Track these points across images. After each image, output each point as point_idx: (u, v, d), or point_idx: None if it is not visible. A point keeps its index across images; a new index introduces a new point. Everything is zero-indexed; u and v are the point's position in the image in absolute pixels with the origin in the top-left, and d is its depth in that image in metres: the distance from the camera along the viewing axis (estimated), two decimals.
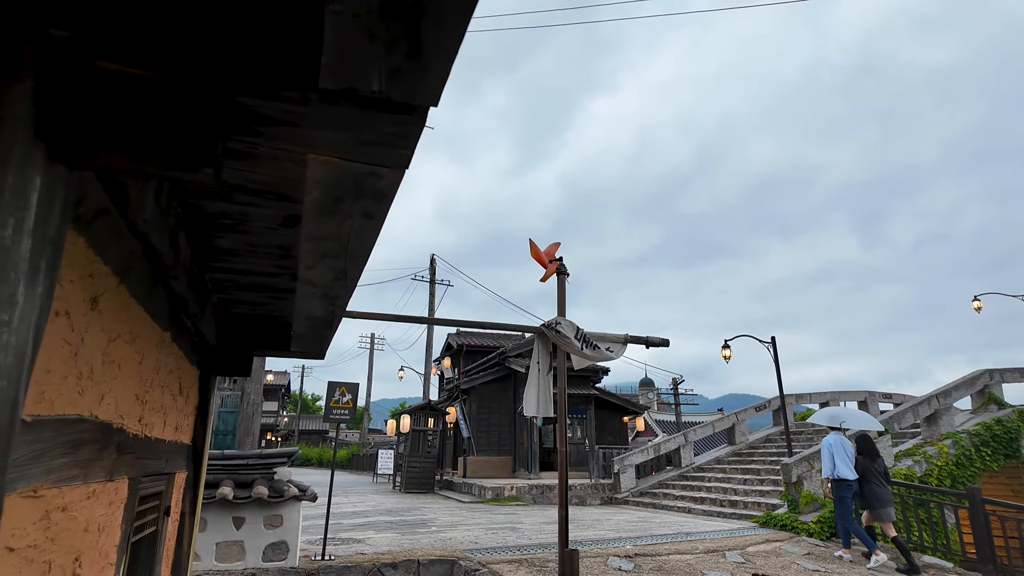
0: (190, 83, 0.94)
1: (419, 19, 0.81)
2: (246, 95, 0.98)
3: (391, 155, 1.15)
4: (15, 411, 0.84)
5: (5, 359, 0.80)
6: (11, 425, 0.83)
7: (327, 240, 1.64)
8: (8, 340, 0.80)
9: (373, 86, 0.95)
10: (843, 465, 8.00)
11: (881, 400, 17.21)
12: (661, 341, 3.89)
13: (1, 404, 0.80)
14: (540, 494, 15.67)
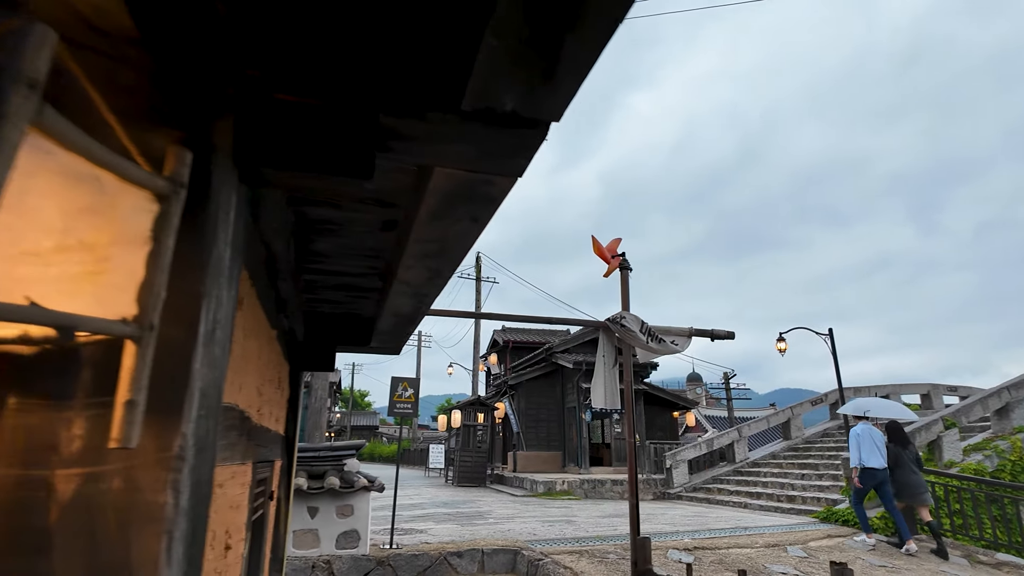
0: (348, 108, 1.07)
1: (560, 48, 0.91)
2: (390, 115, 1.10)
3: (509, 165, 1.26)
4: (220, 397, 0.99)
5: (216, 352, 0.95)
6: (218, 408, 0.98)
7: (431, 242, 1.77)
8: (218, 335, 0.95)
9: (507, 106, 1.06)
10: (870, 454, 7.99)
11: (946, 393, 16.57)
12: (727, 334, 3.92)
13: (213, 390, 0.95)
14: (592, 489, 15.71)
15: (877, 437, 8.14)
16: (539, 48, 0.91)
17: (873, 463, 7.97)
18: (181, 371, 0.82)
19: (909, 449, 8.14)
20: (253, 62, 0.96)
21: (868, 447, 8.03)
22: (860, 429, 8.22)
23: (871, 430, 8.20)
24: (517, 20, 0.84)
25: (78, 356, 0.80)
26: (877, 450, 8.02)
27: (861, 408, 8.71)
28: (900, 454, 8.05)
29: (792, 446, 16.09)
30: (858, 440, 8.10)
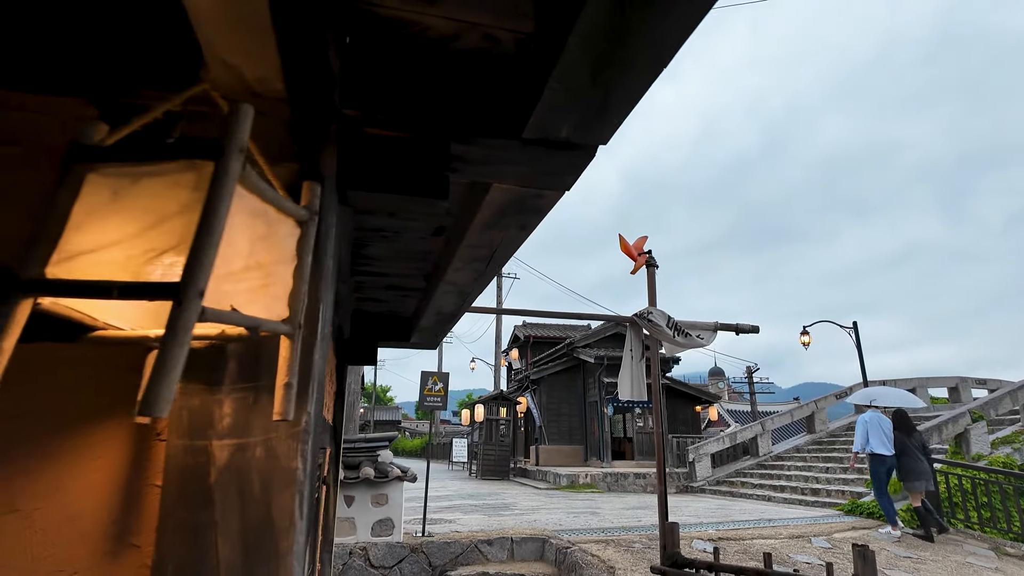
0: (425, 139, 1.25)
1: (611, 91, 1.08)
2: (460, 143, 1.28)
3: (559, 181, 1.43)
4: (324, 384, 1.18)
5: (325, 346, 1.13)
6: (323, 393, 1.17)
7: (480, 248, 1.95)
8: (326, 332, 1.13)
9: (562, 134, 1.23)
10: (876, 441, 8.13)
11: (975, 386, 16.36)
12: (751, 328, 4.04)
13: (322, 378, 1.13)
14: (614, 482, 15.85)
15: (885, 425, 8.27)
16: (594, 91, 1.08)
17: (881, 450, 8.13)
18: (307, 361, 1.01)
19: (914, 436, 8.26)
20: (352, 103, 1.14)
21: (876, 434, 8.18)
22: (868, 416, 8.37)
23: (879, 417, 8.33)
24: (578, 69, 1.01)
25: (225, 351, 1.00)
26: (884, 437, 8.17)
27: (870, 397, 8.88)
28: (905, 441, 8.17)
29: (816, 440, 16.05)
30: (865, 427, 8.28)
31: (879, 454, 8.14)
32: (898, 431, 8.30)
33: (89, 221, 0.71)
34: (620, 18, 0.90)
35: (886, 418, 8.39)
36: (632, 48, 0.97)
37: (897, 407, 8.71)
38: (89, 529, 0.96)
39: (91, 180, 0.73)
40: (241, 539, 0.95)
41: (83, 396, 0.99)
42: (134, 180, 0.71)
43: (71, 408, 0.98)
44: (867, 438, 8.23)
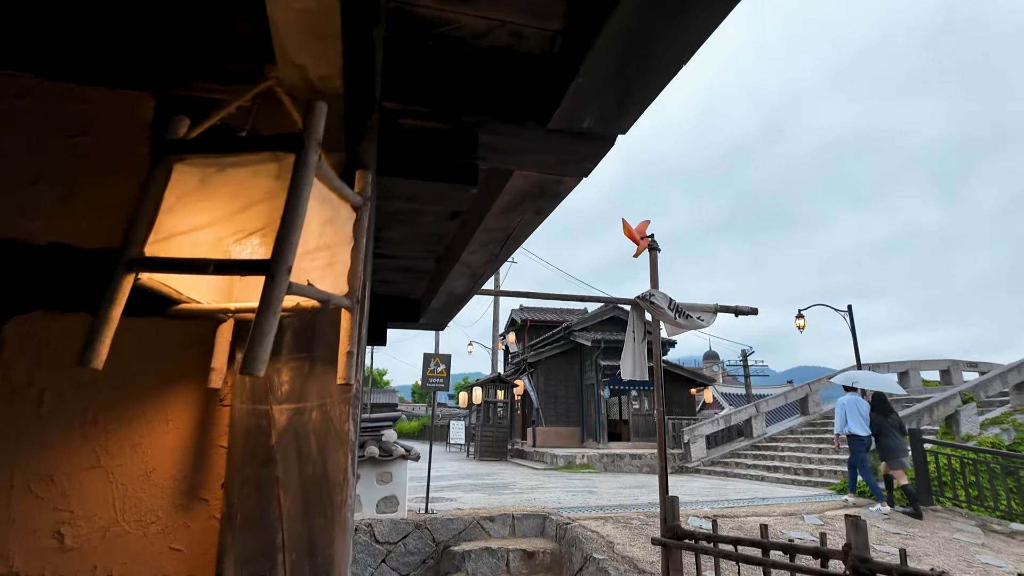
0: (456, 129, 1.33)
1: (633, 85, 1.17)
2: (487, 133, 1.37)
3: (578, 168, 1.52)
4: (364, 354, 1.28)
5: (363, 321, 1.23)
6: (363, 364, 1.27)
7: (497, 231, 2.04)
8: (364, 308, 1.23)
9: (584, 125, 1.32)
10: (854, 422, 8.52)
11: (966, 369, 16.61)
12: (750, 310, 4.15)
13: (363, 349, 1.23)
14: (611, 462, 16.10)
15: (863, 407, 8.66)
16: (617, 85, 1.17)
17: (858, 430, 8.53)
18: (354, 333, 1.11)
19: (891, 417, 8.58)
20: (390, 96, 1.22)
21: (853, 416, 8.59)
22: (847, 399, 8.78)
23: (857, 400, 8.73)
24: (604, 65, 1.10)
25: (282, 324, 1.10)
26: (861, 419, 8.57)
27: (851, 379, 9.17)
28: (883, 422, 8.51)
29: (810, 421, 16.30)
30: (844, 409, 8.72)
31: (856, 435, 8.54)
32: (876, 412, 8.64)
33: (180, 206, 0.80)
34: (647, 19, 0.99)
35: (864, 400, 8.77)
36: (655, 46, 1.06)
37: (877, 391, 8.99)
38: (163, 484, 1.06)
39: (179, 169, 0.82)
40: (301, 492, 1.05)
41: (156, 366, 1.09)
42: (220, 169, 0.80)
43: (146, 376, 1.08)
44: (845, 419, 8.64)
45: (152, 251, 0.79)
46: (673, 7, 0.96)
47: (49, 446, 1.02)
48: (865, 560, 2.69)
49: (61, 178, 1.14)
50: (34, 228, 1.10)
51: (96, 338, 0.76)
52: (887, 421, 8.54)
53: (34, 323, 1.06)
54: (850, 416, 8.62)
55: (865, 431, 8.53)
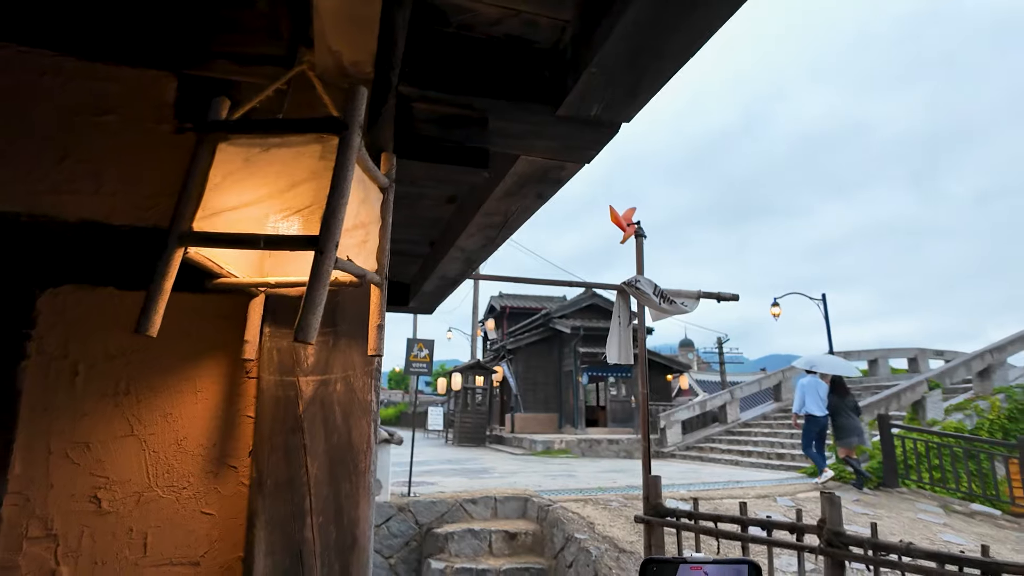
0: (467, 113, 1.38)
1: (644, 75, 1.23)
2: (497, 118, 1.42)
3: (582, 155, 1.58)
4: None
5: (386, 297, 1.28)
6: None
7: (496, 215, 2.09)
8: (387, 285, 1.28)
9: (592, 112, 1.38)
10: (812, 403, 8.96)
11: (932, 357, 17.15)
12: (731, 296, 4.27)
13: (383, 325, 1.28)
14: (588, 447, 16.34)
15: (821, 389, 9.08)
16: (628, 75, 1.23)
17: (815, 411, 8.96)
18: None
19: (847, 399, 9.06)
20: (406, 81, 1.27)
21: (812, 397, 9.00)
22: (806, 381, 9.20)
23: (816, 382, 9.14)
24: (616, 55, 1.16)
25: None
26: (819, 400, 8.98)
27: (811, 363, 9.61)
28: (839, 403, 8.97)
29: (783, 407, 16.70)
30: (803, 390, 9.13)
31: (813, 415, 8.98)
32: (833, 394, 9.08)
33: (226, 184, 0.85)
34: (661, 11, 1.05)
35: (823, 382, 9.17)
36: (666, 37, 1.12)
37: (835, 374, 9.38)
38: (194, 452, 1.11)
39: (223, 149, 0.86)
40: (327, 459, 1.11)
41: (185, 339, 1.13)
42: (264, 149, 0.85)
43: (175, 349, 1.12)
44: (804, 400, 9.04)
45: (200, 227, 0.83)
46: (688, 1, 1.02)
47: (84, 415, 1.06)
48: (839, 534, 2.83)
49: (89, 156, 1.16)
50: (64, 204, 1.13)
51: (151, 308, 0.80)
52: (843, 403, 9.02)
53: (66, 296, 1.09)
54: (808, 397, 9.04)
55: (822, 411, 8.96)
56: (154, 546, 1.06)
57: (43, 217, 1.11)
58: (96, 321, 1.10)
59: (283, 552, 1.05)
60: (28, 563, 1.00)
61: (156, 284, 0.81)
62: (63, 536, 1.02)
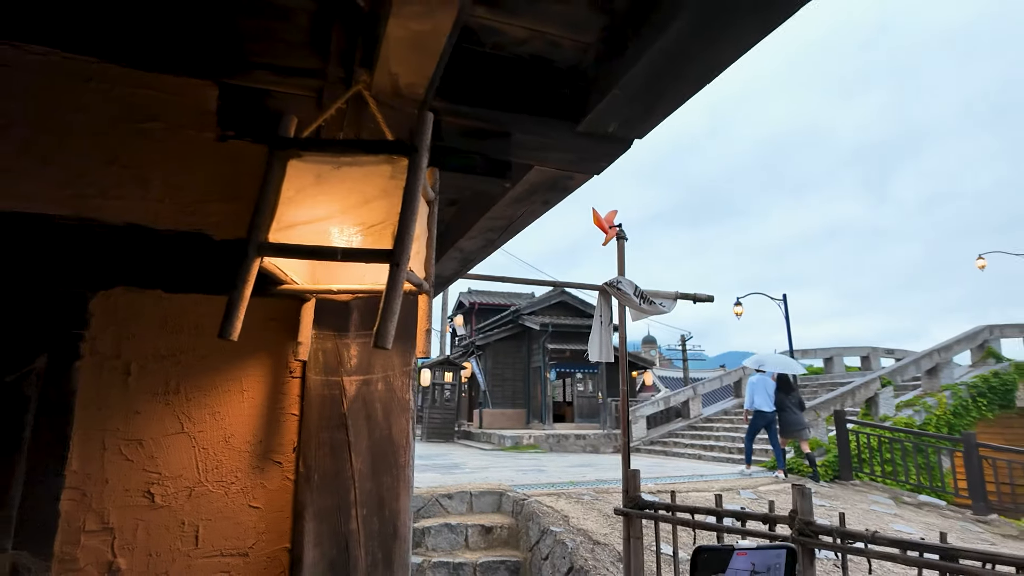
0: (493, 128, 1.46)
1: (664, 95, 1.32)
2: (520, 132, 1.50)
3: (593, 167, 1.67)
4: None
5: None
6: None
7: (501, 219, 2.16)
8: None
9: (609, 128, 1.47)
10: (760, 400, 9.52)
11: (884, 356, 17.88)
12: (707, 297, 4.44)
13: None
14: (556, 443, 16.54)
15: (769, 386, 9.60)
16: (647, 97, 1.32)
17: (763, 407, 9.49)
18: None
19: (792, 395, 9.58)
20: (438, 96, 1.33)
21: (760, 394, 9.53)
22: (755, 379, 9.75)
23: (765, 380, 9.67)
24: (640, 79, 1.25)
25: (349, 305, 1.21)
26: (767, 397, 9.51)
27: (759, 362, 10.12)
28: (784, 399, 9.48)
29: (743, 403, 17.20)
30: (752, 388, 9.68)
31: (761, 410, 9.51)
32: (780, 391, 9.56)
33: (299, 198, 0.90)
34: (686, 42, 1.14)
35: (771, 380, 9.66)
36: (688, 66, 1.21)
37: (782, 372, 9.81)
38: (241, 448, 1.16)
39: (294, 165, 0.92)
40: (370, 454, 1.17)
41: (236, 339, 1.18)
42: (335, 167, 0.91)
43: (222, 350, 1.17)
44: (753, 398, 9.55)
45: (276, 238, 0.89)
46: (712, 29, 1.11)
47: (136, 412, 1.11)
48: (809, 523, 3.01)
49: (134, 161, 1.20)
50: (111, 208, 1.16)
51: (233, 313, 0.86)
52: (788, 399, 9.49)
53: (117, 299, 1.13)
54: (757, 394, 9.55)
55: (770, 407, 9.46)
56: (205, 538, 1.11)
57: (92, 220, 1.14)
58: (146, 322, 1.14)
59: (330, 542, 1.11)
60: (86, 555, 1.04)
61: (237, 291, 0.86)
62: (119, 529, 1.06)
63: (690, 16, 1.06)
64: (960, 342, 13.66)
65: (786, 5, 1.04)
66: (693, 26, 1.08)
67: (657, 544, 3.99)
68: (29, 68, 1.16)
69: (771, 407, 9.47)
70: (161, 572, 1.07)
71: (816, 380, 16.96)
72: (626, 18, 1.22)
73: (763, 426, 9.70)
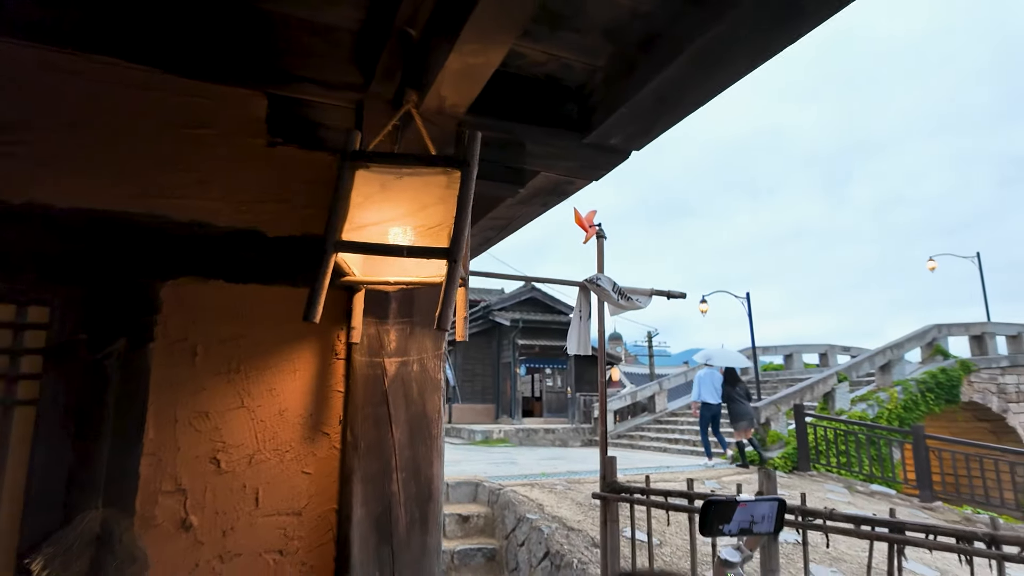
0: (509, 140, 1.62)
1: (663, 115, 1.51)
2: (532, 142, 1.67)
3: (594, 173, 1.85)
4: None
5: None
6: None
7: (501, 219, 2.33)
8: None
9: (612, 141, 1.66)
10: (706, 392, 10.00)
11: (840, 353, 18.63)
12: (679, 294, 4.69)
13: None
14: (526, 437, 16.79)
15: (716, 380, 10.04)
16: (649, 116, 1.51)
17: (709, 399, 9.94)
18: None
19: (738, 387, 10.05)
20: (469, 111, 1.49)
21: (706, 387, 10.00)
22: (703, 373, 10.17)
23: (712, 374, 10.10)
24: (646, 101, 1.44)
25: (388, 295, 1.37)
26: (714, 390, 9.96)
27: (707, 357, 10.61)
28: (731, 392, 9.92)
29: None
30: (699, 382, 10.14)
31: (707, 402, 9.97)
32: (727, 384, 9.98)
33: (367, 204, 1.06)
34: (685, 72, 1.33)
35: (718, 374, 10.09)
36: (688, 90, 1.41)
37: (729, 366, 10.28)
38: (294, 421, 1.31)
39: (362, 175, 1.07)
40: (407, 426, 1.34)
41: (285, 325, 1.32)
42: (398, 177, 1.06)
43: (277, 334, 1.31)
44: (699, 391, 10.02)
45: (349, 237, 1.04)
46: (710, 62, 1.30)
47: (203, 389, 1.25)
48: None
49: (193, 164, 1.33)
50: (176, 207, 1.29)
51: (315, 300, 1.01)
52: (735, 391, 9.93)
53: (183, 288, 1.27)
54: (703, 387, 10.00)
55: (716, 400, 9.90)
56: (264, 500, 1.26)
57: (160, 218, 1.27)
58: (209, 309, 1.28)
59: (376, 502, 1.27)
60: (163, 513, 1.18)
61: (319, 281, 1.01)
62: (190, 491, 1.21)
63: (692, 50, 1.25)
64: (911, 340, 14.37)
65: (773, 45, 1.24)
66: (693, 59, 1.27)
67: (632, 530, 4.22)
68: (98, 77, 1.28)
69: (717, 399, 9.90)
70: (227, 528, 1.22)
71: (776, 376, 17.58)
72: (636, 48, 1.40)
73: (711, 417, 10.13)
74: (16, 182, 1.17)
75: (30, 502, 1.09)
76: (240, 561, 1.22)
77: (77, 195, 1.21)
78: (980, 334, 14.92)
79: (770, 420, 11.60)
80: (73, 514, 1.10)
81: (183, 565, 1.17)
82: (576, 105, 1.66)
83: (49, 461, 1.12)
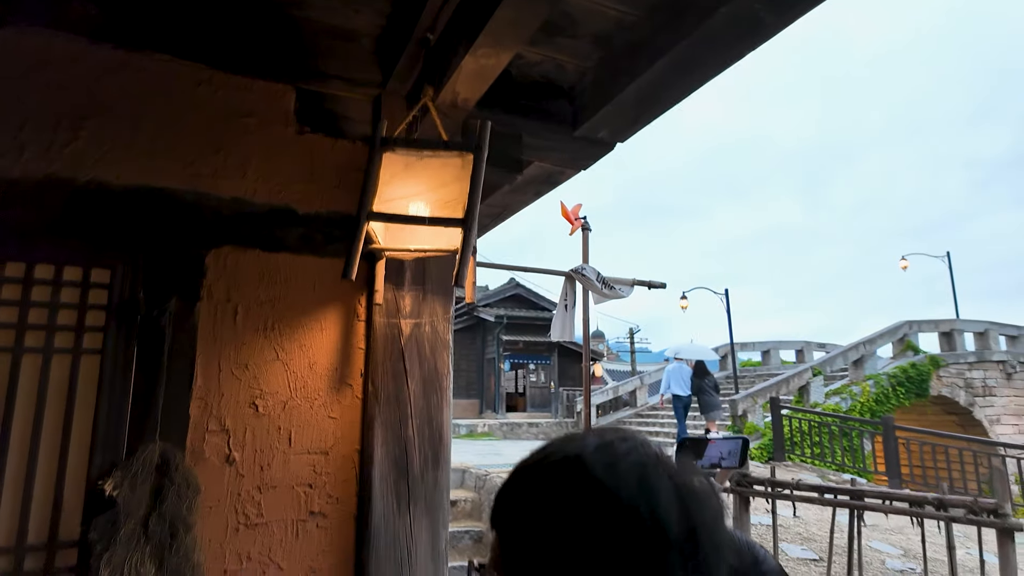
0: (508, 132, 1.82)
1: (645, 111, 1.72)
2: (528, 135, 1.87)
3: (582, 164, 2.05)
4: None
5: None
6: None
7: (496, 207, 2.52)
8: None
9: (600, 134, 1.86)
10: (676, 385, 10.23)
11: (816, 349, 19.10)
12: (660, 284, 4.92)
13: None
14: (510, 430, 17.02)
15: (685, 373, 10.29)
16: (633, 112, 1.72)
17: (678, 391, 10.19)
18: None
19: (707, 379, 10.30)
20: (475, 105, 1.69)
21: (675, 380, 10.24)
22: (672, 367, 10.44)
23: (681, 367, 10.37)
24: (629, 98, 1.64)
25: (404, 264, 1.56)
26: (682, 382, 10.20)
27: (676, 351, 10.95)
28: (701, 384, 10.20)
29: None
30: (668, 375, 10.37)
31: (677, 395, 10.21)
32: (696, 377, 10.26)
33: (393, 182, 1.25)
34: (664, 74, 1.54)
35: (687, 367, 10.36)
36: (667, 88, 1.61)
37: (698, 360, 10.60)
38: (322, 373, 1.49)
39: (388, 157, 1.26)
40: (421, 380, 1.53)
41: (314, 289, 1.51)
42: (419, 158, 1.26)
43: (307, 297, 1.50)
44: (668, 384, 10.25)
45: (379, 208, 1.23)
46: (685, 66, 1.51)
47: (243, 344, 1.43)
48: (745, 475, 3.51)
49: (235, 150, 1.51)
50: (220, 186, 1.47)
51: (351, 261, 1.20)
52: (704, 383, 10.20)
53: (226, 255, 1.45)
54: (672, 380, 10.24)
55: (685, 392, 10.16)
56: (296, 440, 1.44)
57: (206, 194, 1.45)
58: (249, 274, 1.46)
59: (394, 443, 1.47)
60: (210, 449, 1.36)
61: (355, 245, 1.20)
62: (233, 431, 1.39)
63: (670, 56, 1.46)
64: (883, 336, 14.83)
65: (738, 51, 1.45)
66: (671, 64, 1.48)
67: None
68: (157, 72, 1.46)
69: (687, 391, 10.16)
70: (265, 464, 1.40)
71: (754, 371, 17.99)
72: (622, 53, 1.60)
73: (682, 407, 10.38)
74: (84, 163, 1.35)
75: (97, 436, 1.27)
76: (276, 492, 1.40)
77: (135, 174, 1.39)
78: (949, 331, 15.41)
79: (747, 412, 11.94)
80: (136, 446, 1.27)
81: (228, 493, 1.36)
82: (568, 102, 1.86)
83: (112, 401, 1.29)
